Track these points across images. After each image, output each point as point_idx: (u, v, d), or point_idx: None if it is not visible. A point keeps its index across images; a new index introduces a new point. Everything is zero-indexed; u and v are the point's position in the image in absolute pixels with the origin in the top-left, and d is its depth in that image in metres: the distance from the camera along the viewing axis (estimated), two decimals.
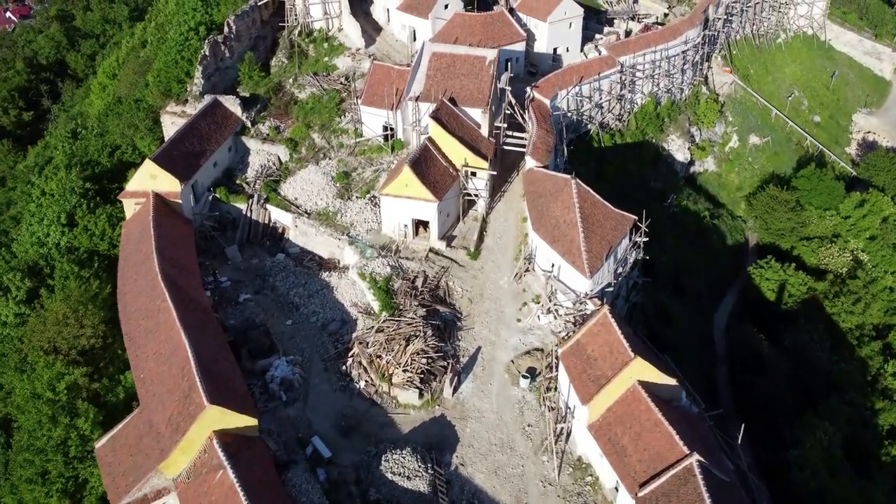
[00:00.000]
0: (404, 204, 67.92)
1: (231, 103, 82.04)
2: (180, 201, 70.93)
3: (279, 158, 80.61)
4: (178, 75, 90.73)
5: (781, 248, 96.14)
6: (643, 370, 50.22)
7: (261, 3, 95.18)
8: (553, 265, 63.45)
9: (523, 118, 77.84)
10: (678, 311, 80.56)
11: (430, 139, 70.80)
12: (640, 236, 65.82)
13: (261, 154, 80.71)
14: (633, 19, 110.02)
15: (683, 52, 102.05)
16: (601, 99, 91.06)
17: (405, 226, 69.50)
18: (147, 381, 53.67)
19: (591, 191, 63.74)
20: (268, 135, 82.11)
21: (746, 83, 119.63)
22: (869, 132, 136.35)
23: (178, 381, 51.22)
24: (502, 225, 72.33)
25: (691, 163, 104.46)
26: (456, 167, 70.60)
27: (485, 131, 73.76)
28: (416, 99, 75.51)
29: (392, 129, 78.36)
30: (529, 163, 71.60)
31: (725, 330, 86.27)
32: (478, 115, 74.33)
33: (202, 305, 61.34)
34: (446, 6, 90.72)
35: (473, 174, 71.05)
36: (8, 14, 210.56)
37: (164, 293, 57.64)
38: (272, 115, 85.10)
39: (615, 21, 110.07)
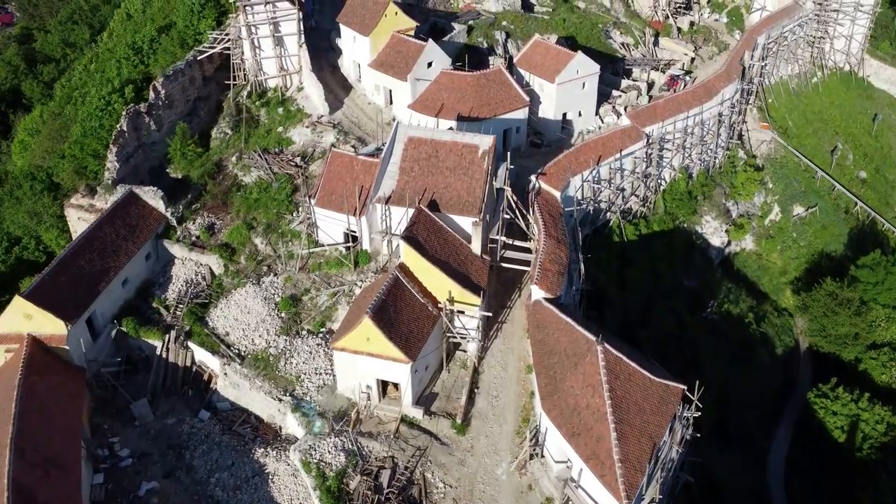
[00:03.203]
0: (366, 362, 49.76)
1: (151, 196, 63.88)
2: (67, 347, 52.84)
3: (211, 271, 62.37)
4: (96, 149, 72.80)
5: (842, 359, 78.11)
6: None
7: (201, 56, 76.97)
8: (570, 461, 45.36)
9: (526, 222, 59.79)
10: (727, 467, 62.58)
11: (402, 267, 52.62)
12: (692, 411, 47.77)
13: (187, 265, 62.45)
14: (655, 69, 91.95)
15: (719, 112, 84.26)
16: (622, 181, 73.01)
17: (368, 387, 51.35)
18: None
19: (623, 358, 45.51)
20: (198, 237, 63.82)
21: (786, 139, 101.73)
22: None
23: None
24: (499, 376, 54.10)
25: (728, 243, 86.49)
26: (437, 301, 52.49)
27: (476, 247, 55.56)
28: (387, 202, 57.47)
29: (356, 237, 60.19)
30: (536, 293, 53.51)
31: (784, 484, 68.09)
32: (467, 225, 56.21)
33: None
34: (430, 64, 72.55)
35: (461, 311, 52.97)
36: None
37: None
38: (206, 207, 66.87)
39: (633, 71, 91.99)
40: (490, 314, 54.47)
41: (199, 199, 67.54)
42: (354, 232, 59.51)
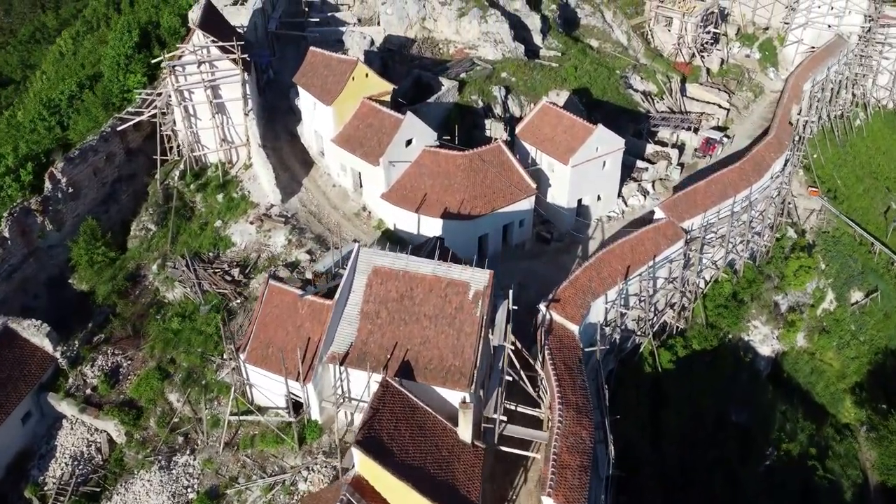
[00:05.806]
0: None
1: (34, 332, 47.91)
2: None
3: (108, 440, 46.36)
4: None
5: None
6: None
7: (123, 126, 60.96)
8: None
9: (534, 375, 43.91)
10: None
11: (357, 482, 36.61)
12: None
13: (77, 432, 46.47)
14: (686, 128, 76.02)
15: (769, 190, 68.51)
16: (656, 293, 57.10)
17: None
18: None
19: None
20: (95, 389, 47.80)
21: (836, 205, 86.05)
22: None
23: None
24: None
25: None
26: None
27: (466, 435, 39.57)
28: (342, 361, 41.55)
29: (302, 404, 44.20)
30: None
31: None
32: (453, 397, 40.35)
33: None
34: (409, 142, 56.47)
35: None
36: None
37: None
38: (112, 340, 50.86)
39: (659, 130, 75.96)
40: None
41: (105, 326, 51.54)
42: (299, 398, 43.56)
